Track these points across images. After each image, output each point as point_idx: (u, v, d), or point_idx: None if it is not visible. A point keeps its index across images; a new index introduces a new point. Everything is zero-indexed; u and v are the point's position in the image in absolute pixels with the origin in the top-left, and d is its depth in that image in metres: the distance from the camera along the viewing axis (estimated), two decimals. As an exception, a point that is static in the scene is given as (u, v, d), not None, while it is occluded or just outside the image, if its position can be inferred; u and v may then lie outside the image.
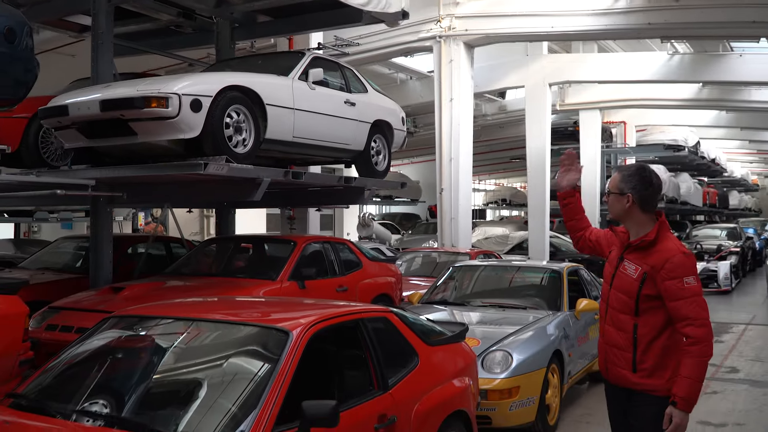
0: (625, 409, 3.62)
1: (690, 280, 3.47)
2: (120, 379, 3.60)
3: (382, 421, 3.71)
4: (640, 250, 3.58)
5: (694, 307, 3.42)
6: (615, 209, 3.67)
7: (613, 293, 3.66)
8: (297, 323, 3.60)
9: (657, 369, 3.51)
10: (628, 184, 3.61)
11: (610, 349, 3.64)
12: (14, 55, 4.87)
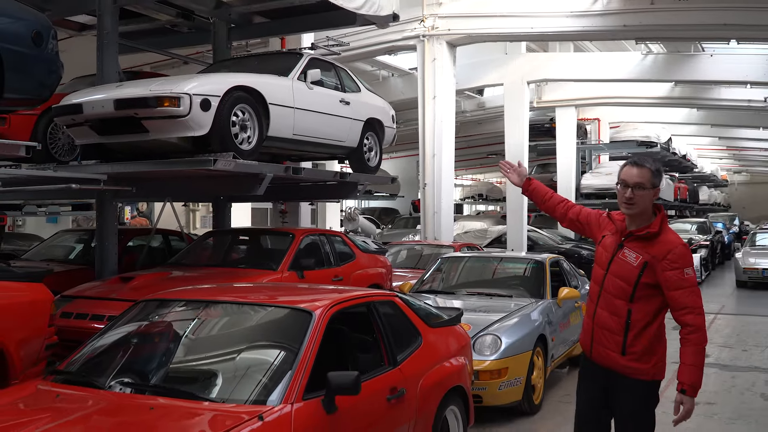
0: (604, 386, 3.74)
1: (689, 271, 3.62)
2: (158, 354, 3.99)
3: (393, 392, 4.14)
4: (641, 240, 3.67)
5: (693, 297, 3.58)
6: (644, 203, 3.67)
7: (609, 278, 3.73)
8: (318, 305, 4.02)
9: (645, 354, 3.64)
10: (658, 179, 3.69)
11: (600, 331, 3.74)
12: (41, 58, 5.19)
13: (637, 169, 3.67)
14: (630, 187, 3.64)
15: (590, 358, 3.85)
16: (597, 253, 3.90)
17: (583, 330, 3.94)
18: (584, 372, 3.95)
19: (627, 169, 3.70)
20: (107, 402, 3.49)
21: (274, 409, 3.32)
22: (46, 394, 3.64)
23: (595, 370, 3.81)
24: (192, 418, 3.23)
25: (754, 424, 6.39)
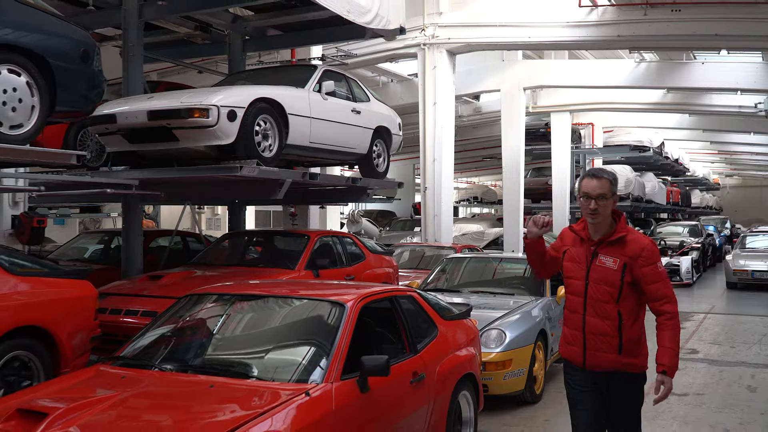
0: (602, 390, 3.90)
1: (660, 265, 3.91)
2: (209, 341, 4.50)
3: (415, 376, 4.64)
4: (613, 245, 3.87)
5: (668, 288, 3.87)
6: (607, 211, 3.89)
7: (592, 286, 3.88)
8: (349, 298, 4.52)
9: (635, 348, 3.86)
10: (615, 186, 3.92)
11: (594, 338, 3.87)
12: (87, 74, 5.67)
13: (597, 180, 3.87)
14: (593, 198, 3.83)
15: (584, 369, 3.93)
16: (566, 269, 4.01)
17: (570, 343, 4.00)
18: (579, 384, 3.99)
19: (587, 181, 3.89)
20: (170, 380, 3.99)
21: (318, 387, 3.82)
22: (112, 375, 4.13)
23: (593, 379, 3.92)
24: (249, 394, 3.72)
25: (739, 412, 6.90)
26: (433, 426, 4.82)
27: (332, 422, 3.76)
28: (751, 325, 12.17)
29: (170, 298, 6.80)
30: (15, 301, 5.21)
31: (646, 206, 29.25)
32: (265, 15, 9.55)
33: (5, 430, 3.45)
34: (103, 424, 3.44)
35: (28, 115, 5.20)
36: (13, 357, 5.18)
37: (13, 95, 5.08)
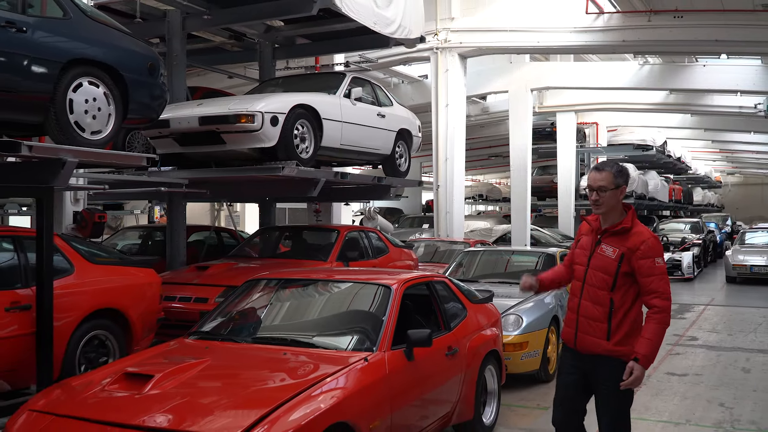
0: (585, 371, 4.11)
1: (659, 260, 4.00)
2: (276, 317, 5.23)
3: (450, 350, 5.35)
4: (616, 235, 4.04)
5: (662, 283, 3.95)
6: (611, 203, 4.05)
7: (591, 272, 4.07)
8: (393, 282, 5.23)
9: (627, 337, 3.98)
10: (621, 178, 4.06)
11: (585, 321, 4.07)
12: (154, 85, 6.36)
13: (599, 173, 4.07)
14: (595, 190, 4.04)
15: (574, 349, 4.18)
16: (576, 255, 4.28)
17: (566, 324, 4.28)
18: (565, 361, 4.30)
19: (591, 174, 4.12)
20: (247, 349, 4.71)
21: (374, 355, 4.53)
22: (196, 346, 4.85)
23: (579, 358, 4.14)
24: (318, 360, 4.43)
25: (734, 389, 7.60)
26: (465, 394, 5.54)
27: (386, 384, 4.47)
28: (748, 316, 12.88)
29: (218, 286, 7.59)
30: (95, 287, 5.93)
31: (649, 204, 29.92)
32: (296, 25, 10.25)
33: (119, 389, 4.15)
34: (202, 383, 4.16)
35: (106, 122, 5.87)
36: (93, 336, 5.90)
37: (93, 104, 5.77)
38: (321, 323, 5.12)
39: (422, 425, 5.00)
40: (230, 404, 3.88)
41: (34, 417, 4.01)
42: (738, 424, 6.36)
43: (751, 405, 7.00)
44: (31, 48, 5.24)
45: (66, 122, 5.52)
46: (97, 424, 3.75)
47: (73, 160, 5.45)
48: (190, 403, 3.90)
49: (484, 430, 5.91)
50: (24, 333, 5.27)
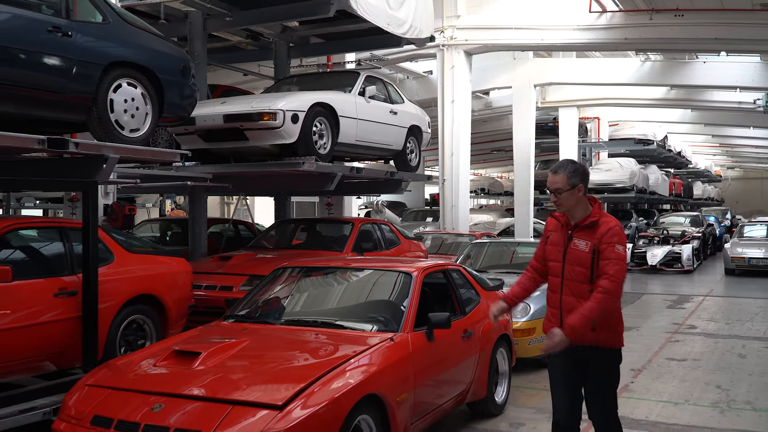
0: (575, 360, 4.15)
1: (620, 247, 4.06)
2: (307, 301, 5.65)
3: (465, 333, 5.77)
4: (587, 229, 4.14)
5: (616, 268, 4.01)
6: (569, 203, 4.17)
7: (568, 268, 4.15)
8: (414, 269, 5.64)
9: (609, 326, 4.13)
10: (576, 178, 4.16)
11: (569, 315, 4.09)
12: (186, 86, 6.76)
13: (554, 175, 4.20)
14: (552, 192, 4.20)
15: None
16: (548, 251, 4.34)
17: (549, 320, 4.32)
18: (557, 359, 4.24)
19: (548, 177, 4.26)
20: (282, 330, 5.14)
21: (398, 335, 4.95)
22: (234, 328, 5.26)
23: (572, 354, 4.13)
24: (348, 339, 4.85)
25: (730, 373, 8.02)
26: (479, 374, 5.96)
27: (410, 361, 4.89)
28: (746, 306, 13.30)
29: (241, 275, 8.01)
30: (133, 274, 6.34)
31: (649, 197, 30.30)
32: (311, 26, 10.64)
33: (169, 365, 4.57)
34: (245, 359, 4.57)
35: (143, 121, 6.27)
36: (132, 320, 6.32)
37: (132, 104, 6.17)
38: (348, 307, 5.55)
39: (440, 402, 5.42)
40: (273, 378, 4.31)
41: (91, 391, 4.43)
42: (734, 404, 6.78)
43: (747, 387, 7.41)
44: (76, 52, 5.63)
45: (107, 121, 5.92)
46: (154, 395, 4.16)
47: (114, 156, 5.85)
48: (238, 376, 4.33)
49: (496, 408, 6.33)
50: (70, 317, 5.67)
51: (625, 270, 4.10)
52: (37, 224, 6.21)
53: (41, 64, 5.40)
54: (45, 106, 5.65)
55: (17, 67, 5.27)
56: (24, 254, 5.79)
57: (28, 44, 5.32)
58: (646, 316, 12.07)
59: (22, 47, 5.27)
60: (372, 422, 4.39)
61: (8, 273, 5.08)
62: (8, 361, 5.35)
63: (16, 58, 5.24)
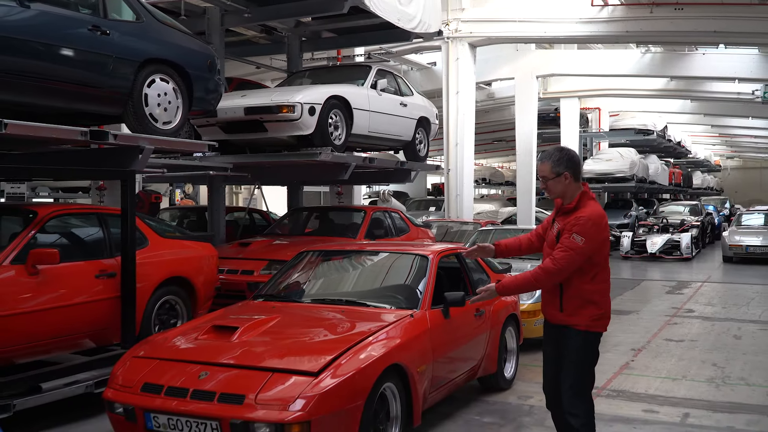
0: (557, 340, 4.35)
1: (578, 238, 4.10)
2: (332, 282, 6.07)
3: (478, 312, 6.19)
4: (564, 215, 4.27)
5: (563, 254, 4.11)
6: (556, 190, 4.27)
7: (545, 250, 4.37)
8: (430, 253, 6.07)
9: (578, 309, 4.21)
10: (561, 166, 4.23)
11: (546, 295, 4.39)
12: (212, 81, 7.16)
13: (540, 164, 4.34)
14: (540, 179, 4.38)
15: (547, 321, 4.52)
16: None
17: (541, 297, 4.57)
18: (545, 334, 4.55)
19: (537, 165, 4.45)
20: (310, 308, 5.56)
21: (417, 312, 5.37)
22: (264, 306, 5.69)
23: (549, 329, 4.46)
24: (372, 316, 5.27)
25: (725, 353, 8.45)
26: (489, 350, 6.40)
27: (428, 336, 5.31)
28: (742, 292, 13.74)
29: (261, 260, 8.44)
30: (166, 258, 6.77)
31: (649, 187, 30.71)
32: (323, 20, 11.02)
33: (209, 338, 4.99)
34: (279, 333, 5.00)
35: (174, 114, 6.67)
36: (165, 301, 6.74)
37: (164, 98, 6.57)
38: (370, 287, 5.98)
39: (454, 376, 5.85)
40: (305, 349, 4.74)
41: (139, 362, 4.85)
42: (728, 380, 7.21)
43: (741, 365, 7.85)
44: (114, 49, 6.03)
45: (142, 114, 6.33)
46: (199, 365, 4.59)
47: (149, 147, 6.26)
48: (274, 347, 4.76)
49: (506, 383, 6.77)
50: (110, 297, 6.10)
51: (573, 260, 4.12)
52: (78, 210, 6.62)
53: (83, 61, 5.80)
54: (86, 100, 6.05)
55: (62, 64, 5.67)
56: (67, 238, 6.20)
57: (71, 42, 5.71)
58: (645, 301, 12.50)
59: (65, 45, 5.66)
60: (396, 390, 4.82)
61: (56, 256, 5.48)
62: (55, 337, 5.78)
63: (61, 55, 5.65)
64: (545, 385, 4.55)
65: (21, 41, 5.29)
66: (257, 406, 4.18)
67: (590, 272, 4.21)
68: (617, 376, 7.29)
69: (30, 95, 5.61)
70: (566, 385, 4.29)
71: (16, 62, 5.33)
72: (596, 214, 4.20)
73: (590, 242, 4.13)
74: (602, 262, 4.28)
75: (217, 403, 4.27)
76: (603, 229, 4.24)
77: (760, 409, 6.26)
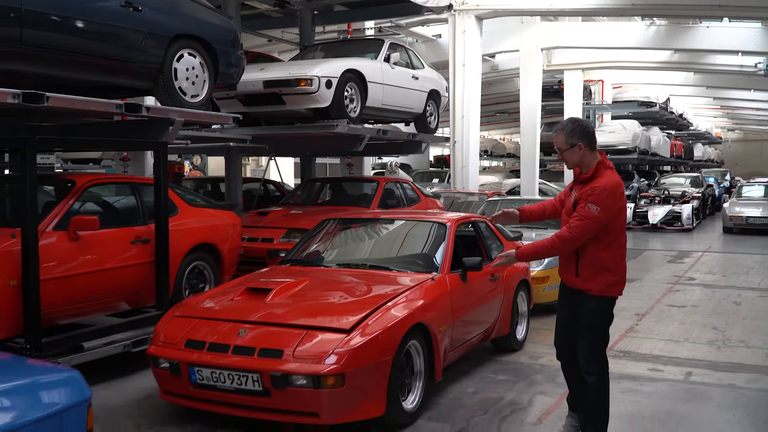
0: (570, 302, 4.59)
1: (593, 207, 4.27)
2: (355, 248, 6.41)
3: (492, 276, 6.54)
4: (582, 184, 4.43)
5: (578, 223, 4.30)
6: (573, 160, 4.46)
7: (563, 218, 4.57)
8: (448, 220, 6.39)
9: (592, 275, 4.40)
10: (575, 137, 4.41)
11: (563, 261, 4.61)
12: (235, 55, 7.44)
13: (556, 135, 4.51)
14: (555, 150, 4.56)
15: (563, 285, 4.74)
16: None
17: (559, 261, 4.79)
18: (561, 296, 4.81)
19: (553, 137, 4.56)
20: (335, 272, 5.90)
21: (438, 276, 5.71)
22: (291, 270, 6.02)
23: (565, 291, 4.70)
24: (395, 279, 5.61)
25: (725, 318, 8.82)
26: (503, 313, 6.75)
27: (448, 298, 5.66)
28: (742, 261, 14.11)
29: (280, 228, 8.77)
30: (195, 225, 7.09)
31: (651, 159, 30.94)
32: (337, -6, 11.29)
33: (245, 299, 5.33)
34: (310, 294, 5.34)
35: (201, 87, 6.98)
36: (194, 266, 7.08)
37: (192, 72, 6.86)
38: (391, 252, 6.32)
39: (470, 337, 6.21)
40: (336, 309, 5.08)
41: (180, 321, 5.20)
42: (728, 343, 7.58)
43: (740, 329, 8.21)
44: (146, 25, 6.32)
45: (172, 87, 6.63)
46: (238, 323, 4.94)
47: (180, 119, 6.57)
48: (307, 307, 5.11)
49: (518, 344, 7.14)
50: (144, 262, 6.43)
51: (588, 229, 4.30)
52: (112, 180, 6.93)
53: (117, 36, 6.09)
54: (120, 74, 6.38)
55: (98, 40, 5.96)
56: (103, 206, 6.52)
57: (107, 18, 6.00)
58: (648, 270, 12.86)
59: (101, 21, 5.95)
60: (419, 347, 5.17)
61: (96, 222, 5.80)
62: (94, 299, 6.13)
63: (97, 31, 5.93)
64: (556, 340, 4.85)
65: (59, 17, 5.57)
66: (295, 360, 4.53)
67: (606, 239, 4.37)
68: (623, 338, 7.66)
69: (68, 69, 5.91)
70: (582, 346, 4.53)
71: (54, 38, 5.63)
72: (612, 184, 4.35)
73: (605, 211, 4.29)
74: (618, 230, 4.45)
75: (258, 357, 4.62)
76: (618, 198, 4.38)
77: (759, 369, 6.62)
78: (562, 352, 4.81)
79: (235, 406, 4.75)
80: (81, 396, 2.91)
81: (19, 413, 2.63)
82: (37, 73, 5.80)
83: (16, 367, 3.09)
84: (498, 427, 5.08)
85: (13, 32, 5.29)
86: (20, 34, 5.34)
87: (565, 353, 4.76)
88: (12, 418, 2.60)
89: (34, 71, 5.73)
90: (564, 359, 4.81)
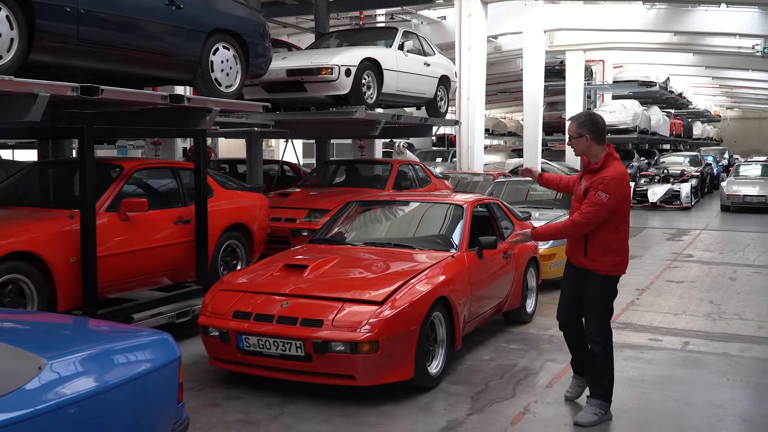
0: (576, 280, 5.06)
1: (602, 195, 4.70)
2: (380, 228, 6.96)
3: (505, 254, 7.09)
4: (590, 173, 4.86)
5: (589, 209, 4.74)
6: (579, 148, 4.93)
7: (573, 203, 5.02)
8: (465, 202, 6.94)
9: (599, 256, 4.84)
10: (584, 129, 4.85)
11: (571, 242, 5.03)
12: (264, 47, 7.93)
13: (569, 123, 5.00)
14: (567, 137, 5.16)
15: (570, 263, 5.19)
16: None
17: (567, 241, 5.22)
18: (566, 270, 5.25)
19: (567, 124, 5.02)
20: (363, 250, 6.46)
21: (456, 253, 6.27)
22: (322, 248, 6.57)
23: (571, 269, 5.14)
24: (417, 256, 6.17)
25: (722, 292, 9.39)
26: (514, 288, 7.32)
27: (466, 274, 6.21)
28: (739, 238, 14.68)
29: (302, 209, 9.30)
30: (229, 206, 7.63)
31: (651, 138, 31.44)
32: (352, -18, 11.74)
33: (283, 275, 5.88)
34: (342, 270, 5.89)
35: (235, 78, 7.49)
36: (228, 245, 7.64)
37: (226, 64, 7.37)
38: (413, 232, 6.88)
39: (484, 310, 6.77)
40: (367, 284, 5.63)
41: (226, 294, 5.75)
42: (724, 315, 8.15)
43: (735, 303, 8.79)
44: (187, 21, 6.83)
45: (209, 79, 7.14)
46: (280, 296, 5.50)
47: (216, 108, 7.09)
48: (341, 282, 5.67)
49: (527, 317, 7.72)
50: (186, 240, 6.98)
51: (598, 214, 4.73)
52: (155, 165, 7.45)
53: (163, 32, 6.60)
54: (162, 67, 6.88)
55: (145, 37, 6.47)
56: (148, 189, 7.05)
57: (154, 16, 6.50)
58: (647, 247, 13.42)
59: (149, 19, 6.45)
60: (442, 318, 5.73)
61: (146, 204, 6.33)
62: (141, 275, 6.68)
63: (144, 28, 6.44)
64: (559, 311, 5.34)
65: (111, 16, 6.07)
66: (334, 329, 5.10)
67: (613, 223, 4.83)
68: (624, 311, 8.23)
69: (118, 64, 6.42)
70: (590, 319, 5.03)
71: (107, 35, 6.12)
72: (619, 174, 4.82)
73: (613, 198, 4.73)
74: (623, 215, 4.91)
75: (300, 326, 5.18)
76: (625, 186, 4.85)
77: (751, 339, 7.19)
78: (565, 324, 5.35)
79: (279, 370, 5.32)
80: (174, 354, 3.45)
81: (130, 368, 3.18)
82: (89, 68, 6.30)
83: (119, 331, 3.64)
84: (514, 390, 5.65)
85: (71, 30, 5.79)
86: (77, 32, 5.84)
87: (569, 325, 5.30)
88: (126, 372, 3.14)
89: (87, 66, 6.22)
90: (567, 330, 5.36)
